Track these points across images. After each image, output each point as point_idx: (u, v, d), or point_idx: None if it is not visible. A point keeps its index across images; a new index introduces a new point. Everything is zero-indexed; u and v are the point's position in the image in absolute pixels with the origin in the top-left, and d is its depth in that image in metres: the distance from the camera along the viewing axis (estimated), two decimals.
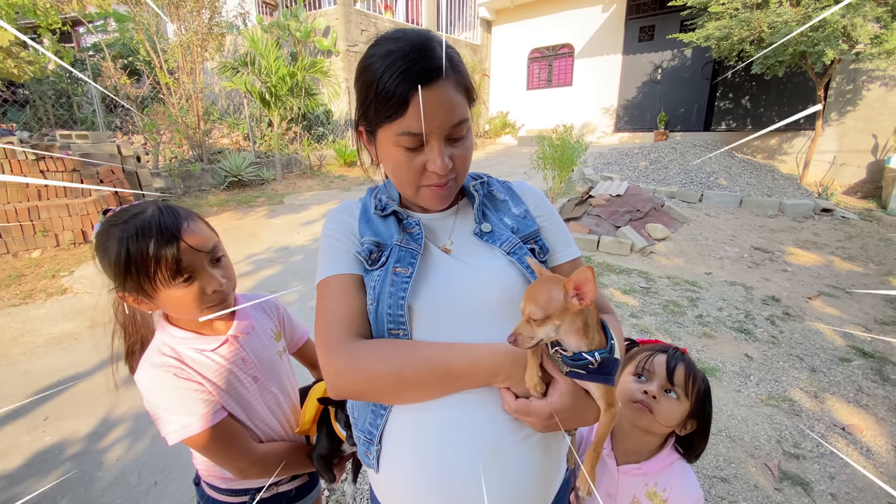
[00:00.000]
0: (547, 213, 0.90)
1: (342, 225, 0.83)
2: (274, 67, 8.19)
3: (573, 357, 0.64)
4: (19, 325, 3.45)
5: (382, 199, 0.85)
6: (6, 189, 4.81)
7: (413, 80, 0.67)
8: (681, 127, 10.73)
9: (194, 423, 0.86)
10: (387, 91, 0.68)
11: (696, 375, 1.01)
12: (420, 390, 0.70)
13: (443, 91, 0.69)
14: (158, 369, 0.87)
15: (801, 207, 6.64)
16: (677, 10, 8.65)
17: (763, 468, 2.09)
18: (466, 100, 0.74)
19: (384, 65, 0.69)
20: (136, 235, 0.80)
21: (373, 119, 0.73)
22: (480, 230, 0.83)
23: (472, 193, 0.87)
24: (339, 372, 0.70)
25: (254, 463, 0.94)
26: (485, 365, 0.68)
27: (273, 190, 7.90)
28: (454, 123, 0.71)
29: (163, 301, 0.86)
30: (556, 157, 5.88)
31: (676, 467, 1.01)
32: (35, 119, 8.13)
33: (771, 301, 3.89)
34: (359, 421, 0.80)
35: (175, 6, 7.38)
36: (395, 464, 0.74)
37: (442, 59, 0.69)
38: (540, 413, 0.66)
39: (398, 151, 0.73)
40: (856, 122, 8.42)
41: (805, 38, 6.46)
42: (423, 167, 0.73)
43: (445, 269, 0.77)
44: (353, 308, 0.74)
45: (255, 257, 4.84)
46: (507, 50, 13.63)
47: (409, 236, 0.79)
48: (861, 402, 2.58)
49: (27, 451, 2.21)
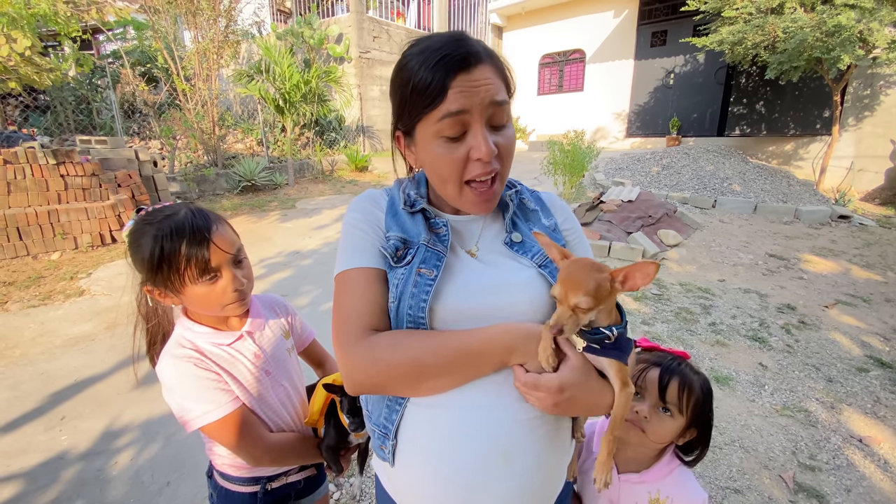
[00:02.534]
0: (573, 227, 0.90)
1: (368, 216, 0.82)
2: (287, 74, 8.32)
3: (592, 331, 0.65)
4: (38, 326, 3.53)
5: (411, 194, 0.83)
6: (27, 193, 4.94)
7: (450, 65, 0.67)
8: (693, 132, 10.64)
9: (213, 410, 0.91)
10: (424, 81, 0.68)
11: (692, 388, 0.98)
12: (439, 376, 0.69)
13: (481, 73, 0.69)
14: (179, 360, 0.92)
15: (818, 214, 6.53)
16: (690, 15, 8.61)
17: (778, 480, 2.05)
18: (506, 88, 0.74)
19: (420, 61, 0.69)
20: (170, 234, 0.86)
21: (412, 113, 0.72)
22: (511, 239, 0.81)
23: (505, 202, 0.86)
24: (357, 366, 0.70)
25: (267, 451, 0.99)
26: (500, 341, 0.68)
27: (285, 194, 8.00)
28: (496, 101, 0.70)
29: (188, 296, 0.92)
30: (566, 162, 5.88)
31: (677, 474, 1.00)
32: (56, 124, 8.35)
33: (786, 309, 3.82)
34: (373, 414, 0.80)
35: (192, 15, 7.54)
36: (411, 459, 0.74)
37: (477, 47, 0.70)
38: (549, 386, 0.65)
39: (439, 144, 0.71)
40: (874, 128, 8.27)
41: (820, 44, 6.38)
42: (467, 157, 0.71)
43: (472, 273, 0.76)
44: (374, 303, 0.74)
45: (267, 261, 4.89)
46: (518, 56, 13.66)
47: (435, 237, 0.78)
48: (879, 413, 2.52)
49: (44, 451, 2.25)
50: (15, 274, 4.38)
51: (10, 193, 4.86)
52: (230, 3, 8.03)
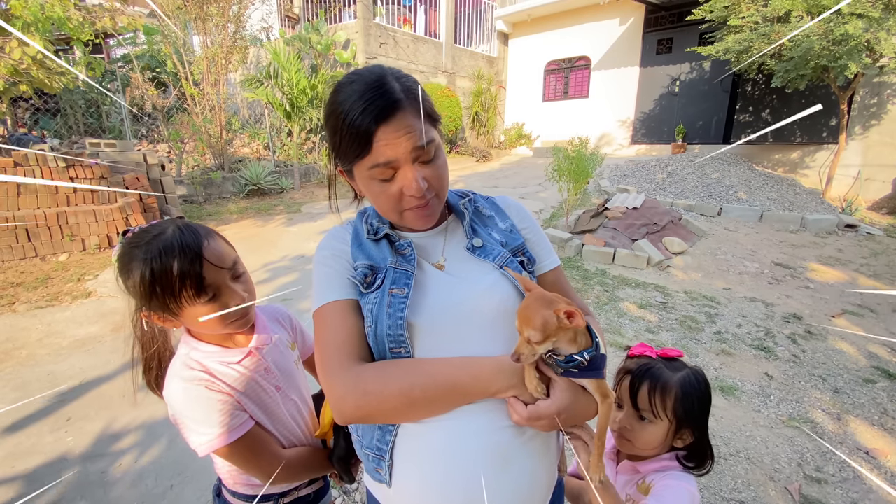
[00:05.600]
0: (530, 225, 0.95)
1: (334, 251, 0.85)
2: (295, 79, 8.38)
3: (565, 360, 0.70)
4: (45, 327, 3.56)
5: (374, 223, 0.87)
6: (36, 194, 5.00)
7: (372, 118, 0.71)
8: (699, 140, 10.62)
9: (226, 433, 0.88)
10: (351, 132, 0.73)
11: (666, 389, 0.95)
12: (428, 408, 0.72)
13: (402, 121, 0.73)
14: (189, 383, 0.88)
15: (824, 223, 6.49)
16: (696, 24, 8.62)
17: (783, 492, 2.03)
18: (431, 122, 0.78)
19: (344, 109, 0.73)
20: (159, 256, 0.82)
21: (345, 159, 0.78)
22: (472, 245, 0.86)
23: (461, 211, 0.90)
24: (344, 397, 0.71)
25: (282, 469, 0.96)
26: (488, 377, 0.71)
27: (291, 198, 8.04)
28: (418, 146, 0.74)
29: (187, 318, 0.88)
30: (571, 168, 5.87)
31: (672, 469, 0.97)
32: (66, 127, 8.44)
33: (792, 319, 3.80)
34: (364, 439, 0.81)
35: (202, 20, 7.63)
36: (408, 477, 0.75)
37: (397, 93, 0.73)
38: (549, 413, 0.70)
39: (374, 184, 0.77)
40: (881, 136, 8.23)
41: (827, 53, 6.36)
42: (401, 193, 0.77)
43: (441, 285, 0.80)
44: (352, 332, 0.76)
45: (272, 265, 4.91)
46: (524, 62, 13.71)
47: (402, 258, 0.81)
48: (886, 425, 2.49)
49: (49, 452, 2.27)
50: (23, 275, 4.42)
51: (19, 195, 4.91)
52: (239, 10, 8.12)
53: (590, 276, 4.65)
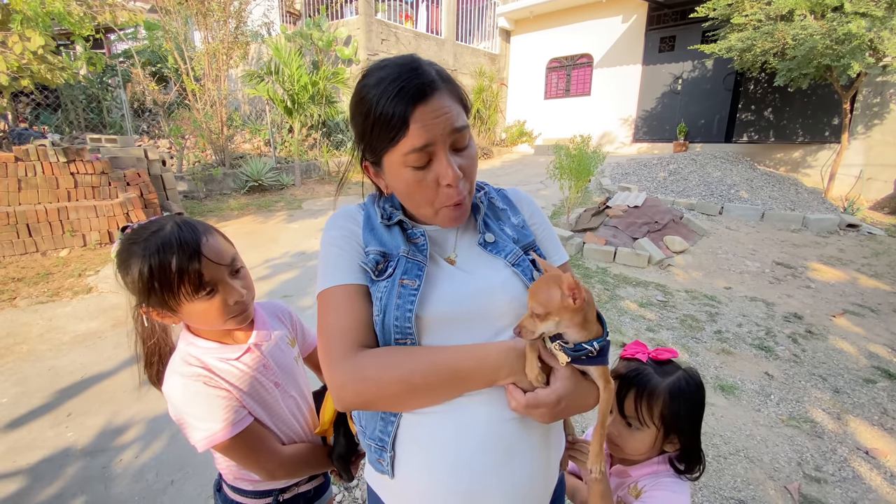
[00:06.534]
0: (540, 220, 0.94)
1: (345, 232, 0.83)
2: (296, 76, 8.36)
3: (574, 348, 0.69)
4: (46, 323, 3.56)
5: (387, 207, 0.85)
6: (38, 190, 4.99)
7: (408, 97, 0.69)
8: (701, 138, 10.59)
9: (225, 429, 0.88)
10: (385, 115, 0.70)
11: (653, 395, 0.92)
12: (429, 395, 0.71)
13: (439, 102, 0.71)
14: (188, 379, 0.88)
15: (826, 222, 6.48)
16: (699, 22, 8.58)
17: (783, 491, 2.03)
18: (463, 109, 0.76)
19: (377, 92, 0.71)
20: (157, 252, 0.82)
21: (376, 147, 0.74)
22: (484, 240, 0.84)
23: (476, 205, 0.88)
24: (344, 384, 0.70)
25: (281, 465, 0.97)
26: (490, 362, 0.70)
27: (292, 195, 8.04)
28: (456, 128, 0.72)
29: (186, 314, 0.88)
30: (572, 166, 5.86)
31: (663, 473, 0.96)
32: (66, 122, 8.43)
33: (793, 318, 3.80)
34: (367, 429, 0.80)
35: (203, 16, 7.61)
36: (411, 468, 0.75)
37: (433, 74, 0.72)
38: (548, 402, 0.69)
39: (407, 173, 0.73)
40: (883, 136, 8.20)
41: (830, 52, 6.34)
42: (436, 183, 0.74)
43: (452, 281, 0.78)
44: (359, 319, 0.74)
45: (273, 261, 4.92)
46: (526, 59, 13.67)
47: (414, 247, 0.79)
48: (886, 425, 2.49)
49: (50, 447, 2.27)
50: (24, 270, 4.42)
51: (20, 190, 4.91)
52: (240, 5, 8.10)
53: (591, 275, 4.65)
